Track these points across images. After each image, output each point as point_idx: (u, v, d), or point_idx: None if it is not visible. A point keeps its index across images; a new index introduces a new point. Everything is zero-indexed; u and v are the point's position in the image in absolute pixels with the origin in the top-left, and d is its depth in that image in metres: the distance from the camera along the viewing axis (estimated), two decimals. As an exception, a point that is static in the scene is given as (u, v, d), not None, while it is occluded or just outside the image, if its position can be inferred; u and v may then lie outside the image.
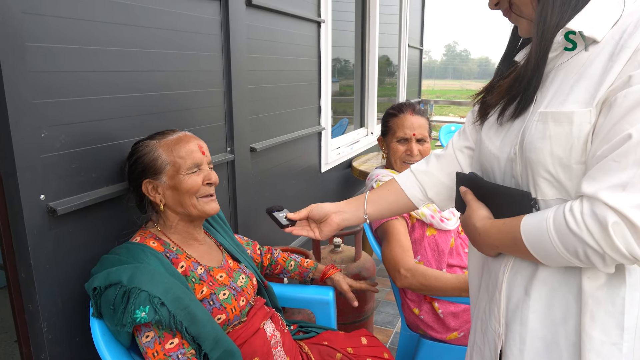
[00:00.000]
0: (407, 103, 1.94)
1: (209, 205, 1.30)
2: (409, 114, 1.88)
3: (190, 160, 1.25)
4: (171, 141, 1.27)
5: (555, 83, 0.87)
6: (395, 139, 1.89)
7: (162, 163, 1.25)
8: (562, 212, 0.78)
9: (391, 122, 1.91)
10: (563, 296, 0.87)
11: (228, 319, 1.26)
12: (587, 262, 0.77)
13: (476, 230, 0.95)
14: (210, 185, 1.30)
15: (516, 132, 0.91)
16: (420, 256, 1.80)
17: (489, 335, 1.00)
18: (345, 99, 4.18)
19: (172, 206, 1.28)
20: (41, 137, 1.14)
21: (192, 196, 1.26)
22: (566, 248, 0.77)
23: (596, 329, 0.83)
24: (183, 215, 1.29)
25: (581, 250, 0.76)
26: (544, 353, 0.89)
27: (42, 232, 1.16)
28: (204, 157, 1.29)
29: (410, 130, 1.86)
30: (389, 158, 1.95)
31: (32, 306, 1.18)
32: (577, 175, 0.81)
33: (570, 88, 0.83)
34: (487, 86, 1.05)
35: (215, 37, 1.79)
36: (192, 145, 1.27)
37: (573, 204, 0.77)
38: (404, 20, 5.05)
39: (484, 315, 1.03)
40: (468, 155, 1.14)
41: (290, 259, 1.71)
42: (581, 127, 0.79)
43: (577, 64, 0.84)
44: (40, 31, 1.12)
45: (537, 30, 0.86)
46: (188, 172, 1.25)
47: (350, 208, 1.25)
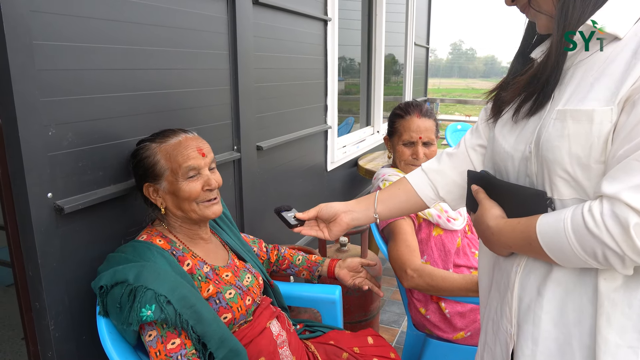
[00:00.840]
0: (414, 103, 1.90)
1: (210, 210, 1.28)
2: (415, 116, 1.84)
3: (188, 167, 1.23)
4: (170, 146, 1.25)
5: (574, 80, 0.85)
6: (402, 142, 1.86)
7: (161, 169, 1.24)
8: (580, 213, 0.76)
9: (397, 124, 1.88)
10: (577, 297, 0.85)
11: (234, 318, 1.26)
12: (605, 263, 0.75)
13: (489, 229, 0.94)
14: (211, 190, 1.27)
15: (532, 130, 0.89)
16: (426, 256, 1.79)
17: (501, 335, 0.98)
18: (351, 97, 4.17)
19: (172, 210, 1.28)
20: (48, 136, 1.14)
21: (191, 202, 1.25)
22: (584, 249, 0.76)
23: (612, 332, 0.81)
24: (184, 218, 1.29)
25: (600, 252, 0.74)
26: (557, 355, 0.88)
27: (50, 230, 1.16)
28: (204, 160, 1.26)
29: (417, 134, 1.83)
30: (394, 159, 1.94)
31: (39, 304, 1.18)
32: (596, 175, 0.79)
33: (590, 85, 0.81)
34: (501, 83, 1.03)
35: (222, 35, 1.79)
36: (191, 150, 1.25)
37: (592, 204, 0.75)
38: (411, 18, 5.03)
39: (495, 315, 1.01)
40: (481, 153, 1.13)
41: (298, 254, 1.70)
42: (602, 126, 0.77)
43: (597, 61, 0.82)
44: (47, 29, 1.12)
45: (558, 26, 0.84)
46: (186, 178, 1.23)
47: (360, 207, 1.24)
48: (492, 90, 1.06)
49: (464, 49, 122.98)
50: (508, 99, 0.97)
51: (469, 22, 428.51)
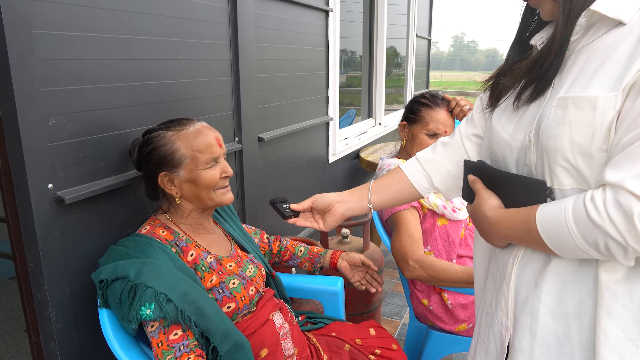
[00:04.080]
0: (439, 96, 1.88)
1: (226, 196, 1.30)
2: (444, 110, 1.83)
3: (209, 155, 1.24)
4: (190, 134, 1.24)
5: (576, 67, 0.83)
6: (426, 131, 1.82)
7: (181, 157, 1.23)
8: (582, 201, 0.75)
9: (424, 112, 1.84)
10: (577, 290, 0.84)
11: (237, 307, 1.26)
12: (607, 254, 0.74)
13: (487, 219, 0.92)
14: (227, 178, 1.30)
15: (530, 118, 0.88)
16: (430, 246, 1.78)
17: (495, 328, 0.97)
18: (353, 90, 4.15)
19: (188, 198, 1.28)
20: (48, 126, 1.13)
21: (209, 190, 1.26)
22: (585, 239, 0.74)
23: (612, 324, 0.80)
24: (198, 205, 1.29)
25: (602, 242, 0.73)
26: (555, 348, 0.87)
27: (50, 221, 1.16)
28: (221, 150, 1.28)
29: (444, 127, 1.81)
30: (409, 146, 1.90)
31: (41, 295, 1.18)
32: (598, 164, 0.77)
33: (593, 72, 0.79)
34: (499, 71, 1.01)
35: (223, 25, 1.77)
36: (211, 138, 1.26)
37: (594, 193, 0.74)
38: (412, 9, 5.00)
39: (489, 307, 1.00)
40: (476, 143, 1.12)
41: (300, 246, 1.70)
42: (605, 113, 0.75)
43: (600, 47, 0.81)
44: (47, 18, 1.11)
45: (564, 11, 0.82)
46: (206, 167, 1.24)
47: (353, 197, 1.22)
48: (489, 79, 1.04)
49: (465, 41, 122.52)
50: (508, 84, 0.95)
51: (471, 15, 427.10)
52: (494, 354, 0.98)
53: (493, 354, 0.99)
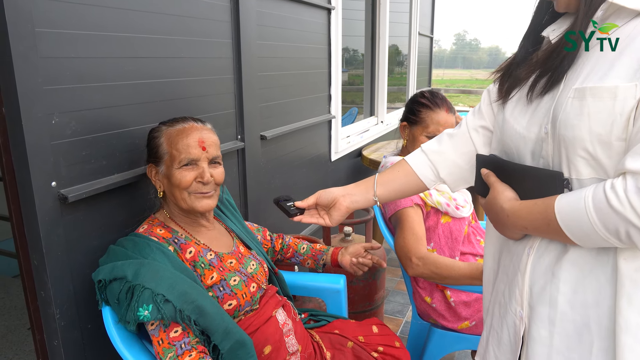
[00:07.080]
0: (440, 96, 1.84)
1: (199, 202, 1.26)
2: (444, 111, 1.79)
3: (185, 155, 1.22)
4: (174, 131, 1.26)
5: (591, 58, 0.84)
6: (426, 133, 1.79)
7: (162, 152, 1.25)
8: (602, 190, 0.75)
9: (424, 114, 1.80)
10: (595, 279, 0.84)
11: (239, 304, 1.26)
12: (627, 242, 0.74)
13: (504, 211, 0.92)
14: (203, 184, 1.25)
15: (545, 110, 0.88)
16: (433, 243, 1.78)
17: (509, 318, 0.97)
18: (355, 88, 4.15)
19: (167, 194, 1.29)
20: (52, 124, 1.14)
21: (182, 191, 1.24)
22: (606, 227, 0.75)
23: (633, 312, 0.80)
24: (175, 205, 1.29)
25: (623, 230, 0.73)
26: (574, 336, 0.87)
27: (54, 219, 1.16)
28: (203, 154, 1.25)
29: (444, 128, 1.77)
30: (410, 147, 1.87)
31: (44, 293, 1.18)
32: (617, 153, 0.78)
33: (610, 63, 0.80)
34: (510, 62, 1.01)
35: (225, 23, 1.77)
36: (192, 139, 1.24)
37: (614, 181, 0.74)
38: (415, 7, 4.99)
39: (502, 298, 1.00)
40: (483, 135, 1.11)
41: (302, 243, 1.70)
42: (625, 102, 0.76)
43: (618, 38, 0.81)
44: (50, 17, 1.11)
45: (585, 3, 0.83)
46: (180, 166, 1.23)
47: (359, 190, 1.21)
48: (498, 70, 1.04)
49: (467, 39, 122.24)
50: (523, 75, 0.95)
51: (473, 12, 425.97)
52: (508, 345, 0.99)
53: (507, 345, 0.99)
